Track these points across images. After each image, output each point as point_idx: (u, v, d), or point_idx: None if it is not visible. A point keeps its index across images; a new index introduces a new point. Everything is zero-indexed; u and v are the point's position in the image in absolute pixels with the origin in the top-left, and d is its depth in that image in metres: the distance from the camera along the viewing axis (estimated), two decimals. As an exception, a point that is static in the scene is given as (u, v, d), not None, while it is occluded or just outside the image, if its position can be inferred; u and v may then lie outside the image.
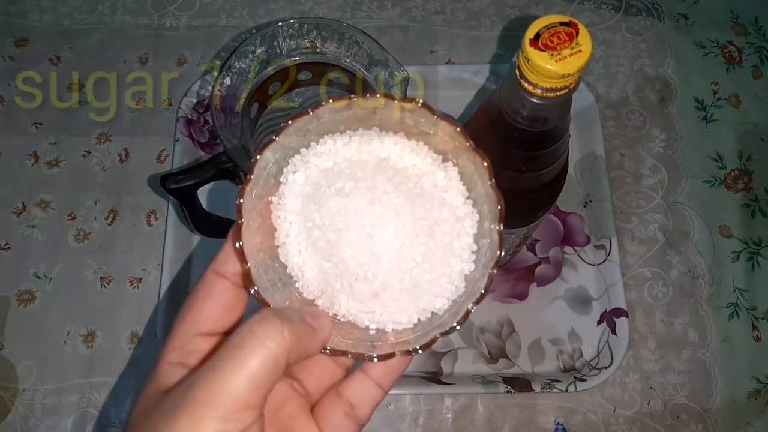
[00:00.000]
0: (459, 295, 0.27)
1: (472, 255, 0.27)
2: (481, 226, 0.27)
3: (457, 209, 0.28)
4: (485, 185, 0.27)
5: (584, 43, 0.28)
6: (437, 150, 0.28)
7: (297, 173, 0.28)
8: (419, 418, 0.51)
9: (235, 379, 0.21)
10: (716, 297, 0.55)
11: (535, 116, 0.32)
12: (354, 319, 0.28)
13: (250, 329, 0.22)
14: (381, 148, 0.28)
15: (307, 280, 0.28)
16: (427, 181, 0.28)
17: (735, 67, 0.62)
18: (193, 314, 0.26)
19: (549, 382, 0.50)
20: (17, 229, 0.57)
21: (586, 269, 0.55)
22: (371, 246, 0.26)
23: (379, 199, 0.26)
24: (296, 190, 0.28)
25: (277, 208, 0.28)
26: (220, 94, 0.43)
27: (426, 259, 0.27)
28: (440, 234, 0.27)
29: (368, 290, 0.27)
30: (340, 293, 0.27)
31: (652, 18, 0.64)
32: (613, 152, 0.59)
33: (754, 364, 0.53)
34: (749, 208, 0.58)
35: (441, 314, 0.27)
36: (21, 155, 0.60)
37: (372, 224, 0.26)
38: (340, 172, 0.27)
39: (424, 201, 0.27)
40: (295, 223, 0.28)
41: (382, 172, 0.27)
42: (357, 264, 0.26)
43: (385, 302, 0.27)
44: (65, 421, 0.52)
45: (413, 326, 0.27)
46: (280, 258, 0.28)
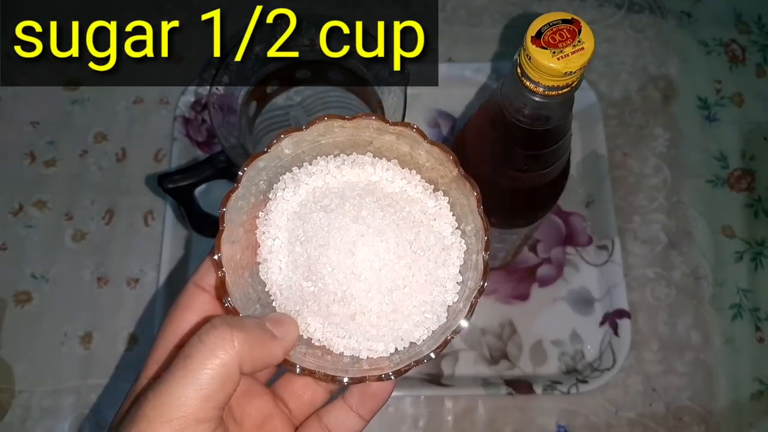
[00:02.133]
0: (440, 326, 0.27)
1: (456, 286, 0.27)
2: (469, 258, 0.27)
3: (445, 238, 0.27)
4: (475, 216, 0.26)
5: (587, 40, 0.28)
6: (429, 180, 0.28)
7: (286, 190, 0.27)
8: (420, 421, 0.51)
9: (183, 391, 0.21)
10: (719, 298, 0.54)
11: (537, 115, 0.32)
12: (328, 344, 0.27)
13: (199, 339, 0.22)
14: (373, 172, 0.28)
15: (284, 299, 0.27)
16: (416, 208, 0.27)
17: (738, 66, 0.62)
18: (173, 327, 0.26)
19: (551, 384, 0.50)
20: (14, 229, 0.57)
21: (588, 270, 0.55)
22: (351, 264, 0.26)
23: (364, 217, 0.26)
24: (284, 207, 0.27)
25: (263, 224, 0.27)
26: (218, 93, 0.43)
27: (407, 285, 0.26)
28: (425, 261, 0.26)
29: (345, 312, 0.26)
30: (317, 315, 0.27)
31: (654, 16, 0.64)
32: (615, 151, 0.58)
33: (758, 366, 0.52)
34: (752, 208, 0.57)
35: (419, 344, 0.27)
36: (17, 155, 0.59)
37: (354, 241, 0.26)
38: (328, 191, 0.27)
39: (411, 226, 0.26)
40: (279, 239, 0.27)
41: (370, 194, 0.27)
42: (336, 283, 0.26)
43: (361, 326, 0.26)
44: (62, 423, 0.51)
45: (389, 355, 0.27)
46: (260, 275, 0.27)
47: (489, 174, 0.38)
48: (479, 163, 0.38)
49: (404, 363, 0.25)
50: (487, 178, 0.38)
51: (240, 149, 0.43)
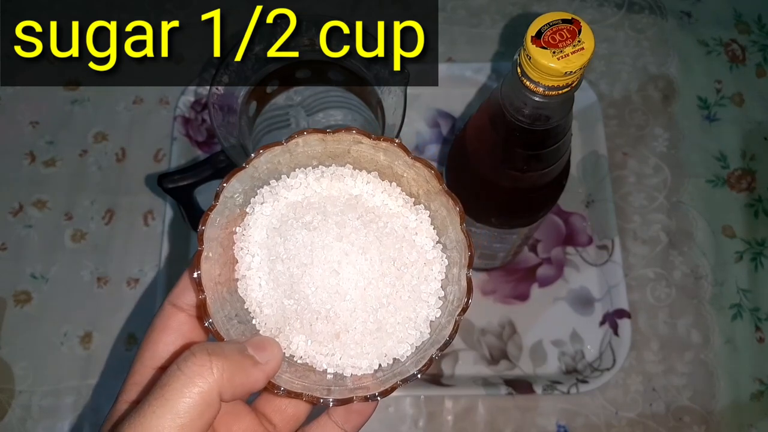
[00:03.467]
0: (423, 342, 0.27)
1: (438, 301, 0.27)
2: (450, 272, 0.27)
3: (426, 253, 0.27)
4: (456, 230, 0.26)
5: (587, 40, 0.28)
6: (410, 193, 0.28)
7: (264, 204, 0.27)
8: (419, 421, 0.51)
9: (159, 421, 0.20)
10: (719, 298, 0.54)
11: (537, 115, 0.32)
12: (311, 361, 0.27)
13: (177, 367, 0.21)
14: (353, 185, 0.27)
15: (265, 316, 0.27)
16: (397, 223, 0.27)
17: (738, 66, 0.62)
18: (151, 348, 0.25)
19: (551, 384, 0.50)
20: (13, 229, 0.57)
21: (588, 270, 0.55)
22: (336, 283, 0.25)
23: (348, 235, 0.26)
24: (262, 222, 0.27)
25: (241, 240, 0.27)
26: (218, 93, 0.43)
27: (391, 302, 0.26)
28: (408, 277, 0.26)
29: (329, 330, 0.26)
30: (299, 333, 0.26)
31: (654, 16, 0.64)
32: (615, 151, 0.58)
33: (758, 366, 0.52)
34: (752, 207, 0.57)
35: (403, 361, 0.27)
36: (17, 155, 0.59)
37: (338, 260, 0.25)
38: (309, 206, 0.27)
39: (393, 242, 0.26)
40: (258, 255, 0.27)
41: (352, 210, 0.26)
42: (319, 302, 0.25)
43: (345, 344, 0.26)
44: (62, 423, 0.51)
45: (373, 372, 0.27)
46: (239, 292, 0.27)
47: (489, 174, 0.38)
48: (479, 163, 0.38)
49: (389, 380, 0.25)
50: (487, 178, 0.38)
51: (240, 149, 0.43)
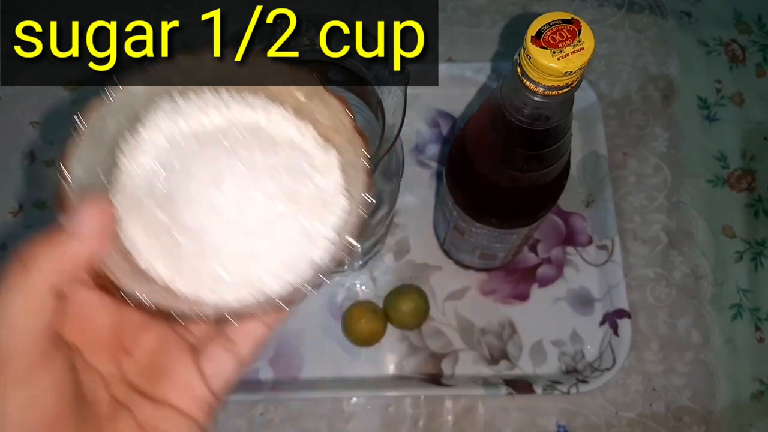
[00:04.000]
0: (300, 282, 0.25)
1: (329, 245, 0.25)
2: (349, 220, 0.25)
3: (327, 195, 0.25)
4: (362, 176, 0.25)
5: (587, 40, 0.28)
6: (326, 137, 0.26)
7: (162, 118, 0.25)
8: (419, 421, 0.51)
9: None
10: (719, 298, 0.54)
11: (537, 115, 0.32)
12: (171, 283, 0.24)
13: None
14: (264, 116, 0.26)
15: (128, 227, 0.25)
16: (303, 158, 0.25)
17: (738, 66, 0.62)
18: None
19: (551, 384, 0.50)
20: (14, 229, 0.57)
21: (588, 270, 0.55)
22: (212, 196, 0.24)
23: (239, 154, 0.24)
24: (155, 136, 0.25)
25: (126, 146, 0.25)
26: (218, 93, 0.42)
27: (274, 232, 0.24)
28: (300, 212, 0.25)
29: (195, 249, 0.24)
30: (163, 248, 0.24)
31: (654, 16, 0.64)
32: (615, 151, 0.58)
33: (758, 366, 0.52)
34: (752, 207, 0.57)
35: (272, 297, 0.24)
36: (17, 155, 0.59)
37: (221, 173, 0.24)
38: (211, 126, 0.25)
39: (292, 175, 0.25)
40: (143, 164, 0.25)
41: (254, 135, 0.25)
42: (192, 216, 0.24)
43: (211, 267, 0.24)
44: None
45: (239, 305, 0.24)
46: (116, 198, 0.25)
47: (489, 174, 0.38)
48: (479, 163, 0.38)
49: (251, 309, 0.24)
50: (487, 178, 0.38)
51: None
